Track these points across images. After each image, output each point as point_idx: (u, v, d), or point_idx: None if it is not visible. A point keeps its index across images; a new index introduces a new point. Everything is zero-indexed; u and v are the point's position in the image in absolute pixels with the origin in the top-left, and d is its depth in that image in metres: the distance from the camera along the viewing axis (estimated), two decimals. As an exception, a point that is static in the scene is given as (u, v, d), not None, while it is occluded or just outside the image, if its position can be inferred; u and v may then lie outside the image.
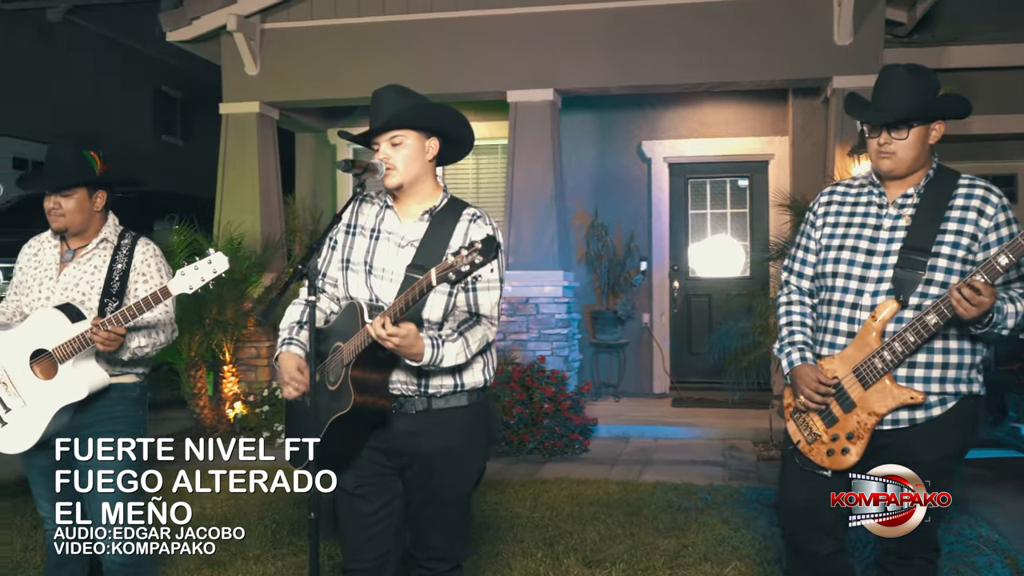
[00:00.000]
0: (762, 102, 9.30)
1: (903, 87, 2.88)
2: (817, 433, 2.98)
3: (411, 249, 2.93)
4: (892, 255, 2.90)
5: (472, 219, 2.94)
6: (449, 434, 2.93)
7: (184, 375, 7.98)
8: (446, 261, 2.50)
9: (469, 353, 2.85)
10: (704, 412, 8.69)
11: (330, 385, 2.91)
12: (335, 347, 2.93)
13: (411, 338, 2.68)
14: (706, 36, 8.01)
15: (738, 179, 9.73)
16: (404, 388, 2.90)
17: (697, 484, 6.03)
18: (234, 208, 8.72)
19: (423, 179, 2.97)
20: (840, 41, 7.76)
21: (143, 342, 3.41)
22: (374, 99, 2.97)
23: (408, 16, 8.51)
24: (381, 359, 2.82)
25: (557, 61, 8.24)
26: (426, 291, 2.58)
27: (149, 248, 3.55)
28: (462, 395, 2.95)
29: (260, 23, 8.72)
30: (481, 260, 2.45)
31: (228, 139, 8.88)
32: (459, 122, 3.02)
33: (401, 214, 2.99)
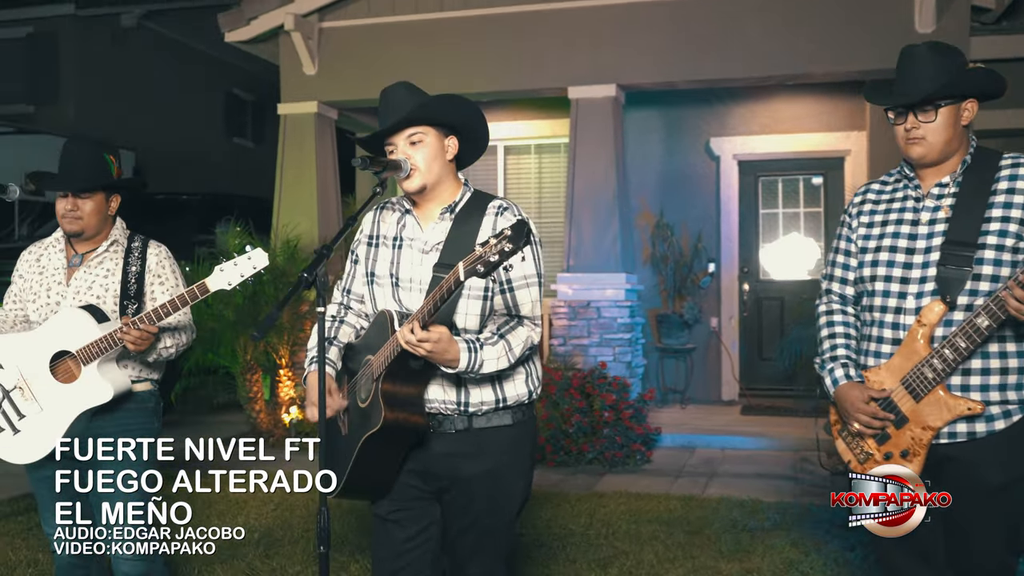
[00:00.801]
0: (837, 95, 8.84)
1: (925, 65, 2.67)
2: (869, 452, 2.73)
3: (436, 254, 2.71)
4: (934, 251, 2.66)
5: (499, 211, 2.72)
6: (491, 456, 2.70)
7: (240, 379, 7.90)
8: (474, 252, 2.27)
9: (512, 357, 2.61)
10: (775, 421, 8.29)
11: (361, 402, 2.70)
12: (365, 361, 2.71)
13: (444, 342, 2.45)
14: (778, 27, 7.61)
15: (812, 177, 9.28)
16: (442, 406, 2.68)
17: (765, 500, 5.68)
18: (292, 210, 8.62)
19: (444, 181, 2.75)
20: (922, 29, 7.29)
21: (168, 343, 3.32)
22: (384, 97, 2.78)
23: (467, 12, 8.30)
24: (414, 370, 2.59)
25: (620, 55, 7.93)
26: (455, 287, 2.34)
27: (162, 250, 3.46)
28: (505, 413, 2.71)
29: (318, 22, 8.61)
30: (511, 248, 2.20)
31: (286, 140, 8.79)
32: (481, 118, 2.81)
33: (422, 218, 2.77)
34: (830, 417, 2.87)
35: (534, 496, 2.94)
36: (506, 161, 9.84)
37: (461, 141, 2.77)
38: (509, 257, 2.21)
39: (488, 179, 9.84)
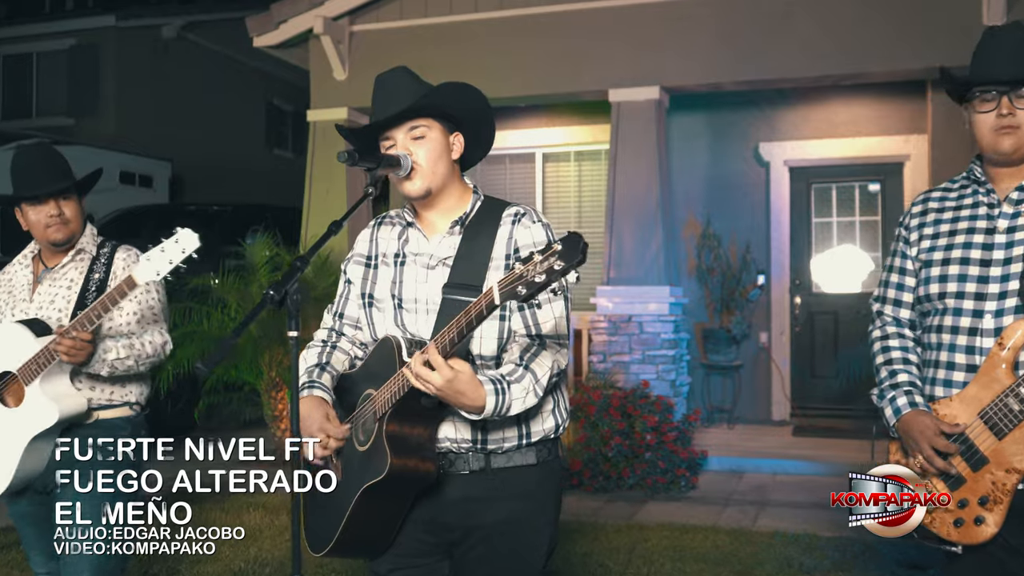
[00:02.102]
0: (896, 97, 8.32)
1: (1018, 45, 2.35)
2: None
3: (444, 269, 2.32)
4: (1015, 263, 2.34)
5: (515, 219, 2.32)
6: (512, 501, 2.28)
7: (264, 396, 7.58)
8: (513, 271, 1.85)
9: (539, 390, 2.19)
10: (829, 443, 7.77)
11: (359, 444, 2.29)
12: (365, 395, 2.31)
13: (464, 381, 2.04)
14: (833, 23, 7.12)
15: (868, 183, 8.75)
16: (454, 444, 2.28)
17: (822, 535, 5.19)
18: (321, 220, 8.29)
19: (450, 185, 2.36)
20: (990, 21, 6.76)
21: (122, 353, 2.94)
22: (381, 84, 2.39)
23: (502, 12, 7.93)
24: (425, 409, 2.19)
25: (664, 56, 7.50)
26: (486, 313, 1.94)
27: (130, 254, 3.13)
28: (528, 450, 2.30)
29: (348, 25, 8.31)
30: (562, 266, 1.79)
31: (316, 148, 8.49)
32: (490, 113, 2.45)
33: (427, 229, 2.38)
34: (889, 455, 2.49)
35: (569, 526, 2.56)
36: (544, 169, 9.44)
37: (465, 139, 2.39)
38: (560, 277, 1.80)
39: (527, 188, 9.46)
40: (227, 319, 7.38)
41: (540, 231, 2.30)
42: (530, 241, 2.28)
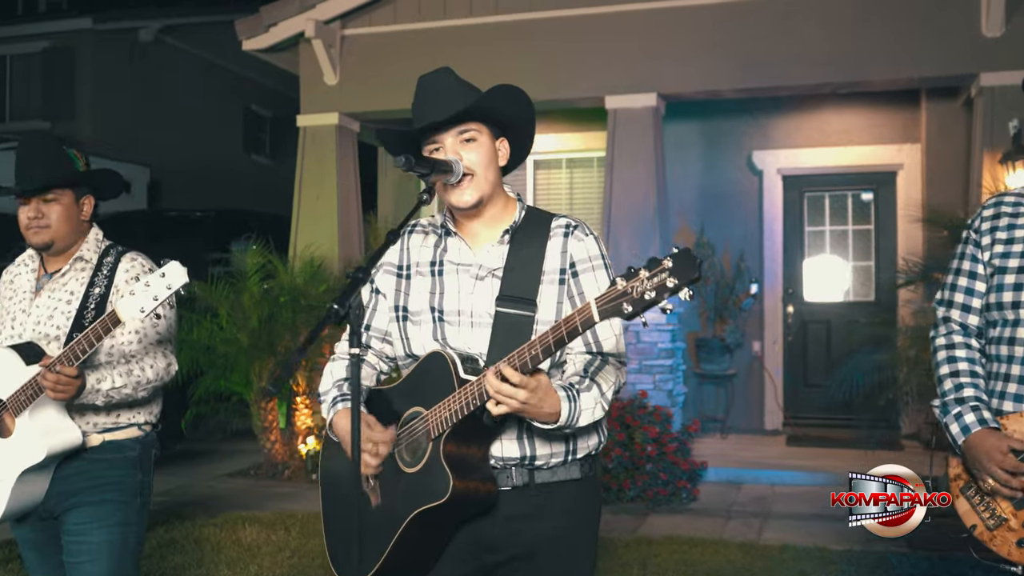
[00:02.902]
0: (890, 106, 8.32)
1: None
2: (1003, 517, 2.29)
3: (493, 280, 2.19)
4: None
5: (568, 231, 2.22)
6: (556, 517, 2.17)
7: (254, 407, 7.41)
8: (615, 288, 1.76)
9: (605, 404, 2.10)
10: (824, 453, 7.72)
11: (406, 466, 2.16)
12: (412, 413, 2.18)
13: (543, 390, 1.95)
14: (832, 30, 7.09)
15: (861, 192, 8.74)
16: (499, 461, 2.16)
17: (832, 548, 5.12)
18: (311, 228, 8.14)
19: (497, 193, 2.25)
20: (989, 32, 6.77)
21: (119, 382, 2.71)
22: (424, 86, 2.27)
23: (498, 17, 7.83)
24: (486, 427, 2.08)
25: (661, 63, 7.44)
26: (580, 331, 1.84)
27: (135, 264, 2.87)
28: (573, 465, 2.20)
29: (340, 29, 8.17)
30: (676, 283, 1.70)
31: (305, 153, 8.33)
32: (534, 118, 2.34)
33: (470, 239, 2.25)
34: (948, 470, 2.40)
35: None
36: (536, 176, 9.35)
37: (510, 144, 2.29)
38: (674, 294, 1.71)
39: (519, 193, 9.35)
40: (216, 328, 7.21)
41: (594, 245, 2.21)
42: (585, 255, 2.19)
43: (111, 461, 2.82)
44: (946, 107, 7.93)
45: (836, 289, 8.88)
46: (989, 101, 6.81)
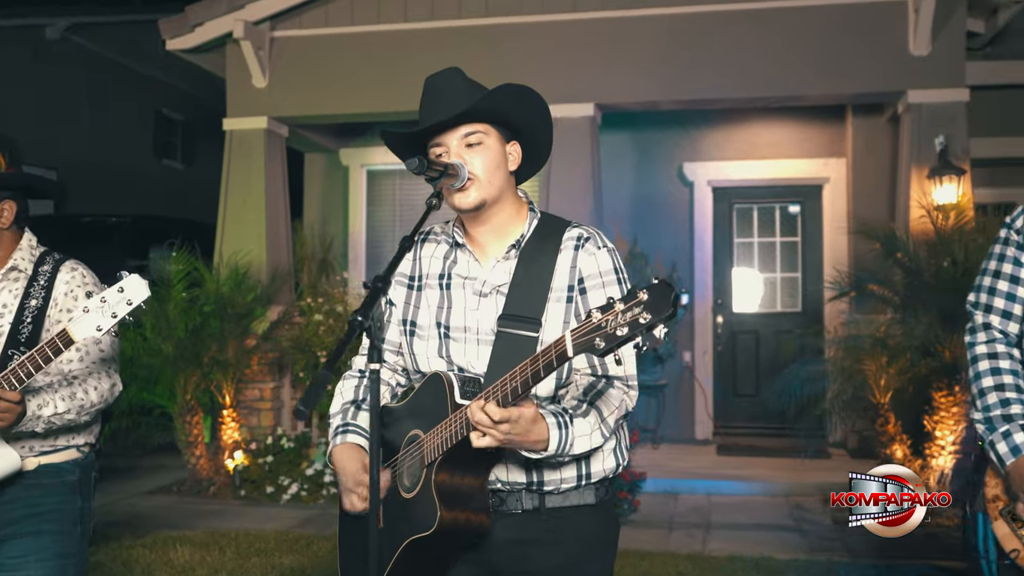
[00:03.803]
0: (817, 121, 8.49)
1: None
2: None
3: (498, 297, 2.09)
4: None
5: (579, 244, 2.11)
6: (570, 544, 2.06)
7: (178, 421, 7.09)
8: (590, 320, 1.65)
9: (606, 431, 1.99)
10: (755, 462, 7.81)
11: (404, 491, 2.05)
12: (411, 436, 2.07)
13: (526, 421, 1.83)
14: (769, 46, 7.19)
15: (789, 205, 8.90)
16: (505, 485, 2.06)
17: (779, 558, 5.14)
18: (238, 234, 7.87)
19: (505, 199, 2.14)
20: (917, 51, 6.95)
21: (61, 407, 2.50)
22: (432, 85, 2.17)
23: (433, 23, 7.72)
24: (479, 455, 1.95)
25: (600, 73, 7.43)
26: (556, 365, 1.74)
27: (76, 275, 2.65)
28: (587, 490, 2.09)
29: (269, 31, 7.93)
30: (649, 319, 1.57)
31: (232, 158, 8.05)
32: (550, 120, 2.22)
33: (478, 251, 2.15)
34: (985, 490, 2.30)
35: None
36: (467, 185, 9.24)
37: (523, 148, 2.18)
38: (644, 332, 1.59)
39: (448, 203, 9.23)
40: (140, 339, 6.89)
41: (607, 258, 2.10)
42: (595, 270, 2.08)
43: (47, 487, 2.60)
44: (871, 123, 8.13)
45: (763, 300, 9.01)
46: (916, 117, 7.00)
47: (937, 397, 6.21)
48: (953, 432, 6.18)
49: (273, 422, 7.59)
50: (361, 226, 9.33)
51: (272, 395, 7.64)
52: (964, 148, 6.85)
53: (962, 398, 6.20)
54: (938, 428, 6.21)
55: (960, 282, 6.05)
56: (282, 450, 7.10)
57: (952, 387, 6.18)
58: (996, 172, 7.74)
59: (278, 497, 6.74)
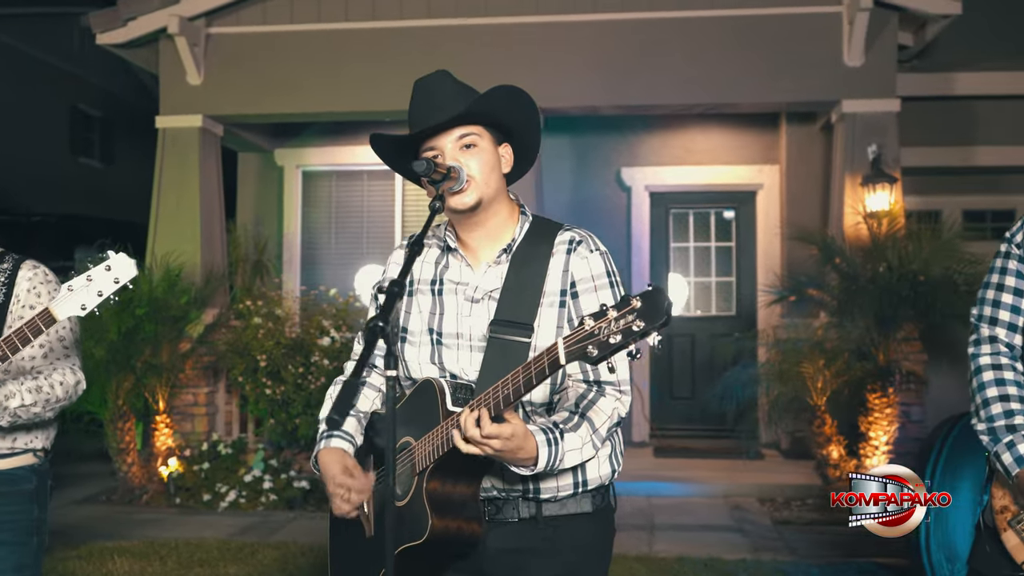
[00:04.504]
0: (752, 128, 8.66)
1: None
2: None
3: (490, 302, 2.07)
4: None
5: (571, 248, 2.09)
6: (567, 554, 2.04)
7: (109, 427, 6.87)
8: (582, 327, 1.64)
9: (597, 441, 1.97)
10: (691, 464, 7.91)
11: (396, 499, 2.01)
12: (403, 443, 2.04)
13: (518, 438, 1.81)
14: (707, 53, 7.31)
15: (724, 210, 9.05)
16: (501, 492, 2.04)
17: (726, 559, 5.22)
18: (171, 235, 7.65)
19: (499, 201, 2.11)
20: (851, 62, 7.15)
21: (27, 399, 2.45)
22: (423, 87, 2.13)
23: (375, 23, 7.64)
24: (470, 464, 1.93)
25: (541, 77, 7.43)
26: (548, 373, 1.72)
27: (38, 273, 2.62)
28: (584, 498, 2.07)
29: (205, 27, 7.75)
30: (643, 327, 1.57)
31: (165, 157, 7.83)
32: (539, 123, 2.21)
33: (470, 256, 2.13)
34: (993, 501, 2.28)
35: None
36: (405, 187, 9.17)
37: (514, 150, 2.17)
38: (640, 339, 1.58)
39: (385, 206, 9.16)
40: (69, 342, 6.63)
41: (599, 262, 2.09)
42: (587, 274, 2.07)
43: (3, 495, 2.52)
44: (804, 131, 8.33)
45: (699, 303, 9.14)
46: (850, 126, 7.19)
47: (871, 399, 6.39)
48: (887, 432, 6.36)
49: (207, 427, 7.40)
50: (296, 228, 9.18)
51: (207, 400, 7.45)
52: (895, 157, 7.07)
53: (895, 399, 6.40)
54: (872, 429, 6.39)
55: (895, 287, 6.25)
56: (219, 456, 6.93)
57: (886, 389, 6.37)
58: (922, 181, 8.00)
59: (215, 505, 6.57)
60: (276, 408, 6.97)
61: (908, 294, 6.17)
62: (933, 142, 7.95)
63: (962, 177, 8.29)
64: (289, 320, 7.35)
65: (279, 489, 6.66)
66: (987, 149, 8.10)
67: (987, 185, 8.36)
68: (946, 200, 8.27)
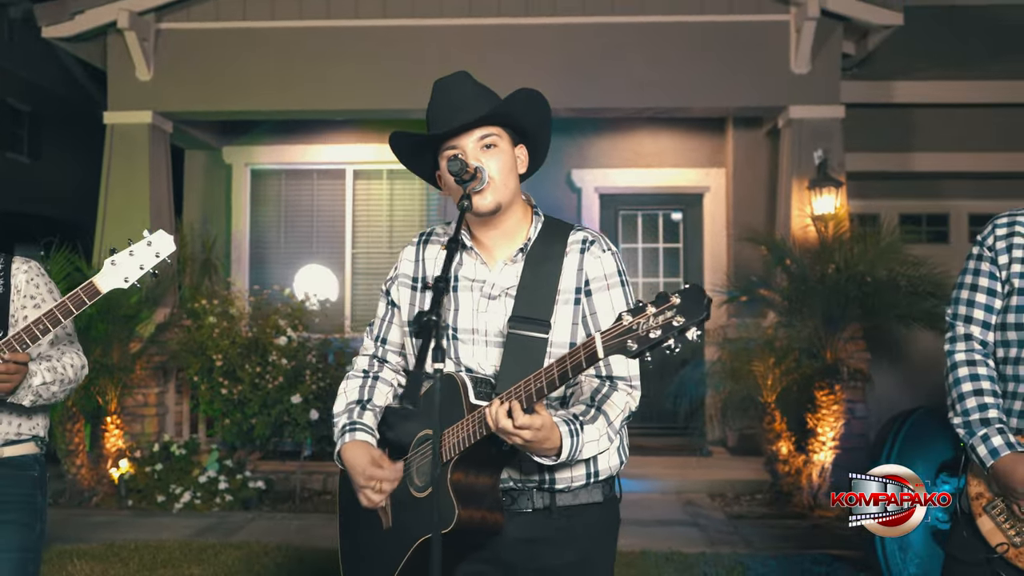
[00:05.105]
0: (699, 132, 8.85)
1: None
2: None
3: (507, 299, 2.13)
4: None
5: (585, 247, 2.17)
6: (581, 542, 2.12)
7: (58, 428, 6.72)
8: (620, 323, 1.71)
9: (612, 434, 2.04)
10: (646, 461, 8.00)
11: (416, 491, 2.07)
12: (423, 436, 2.09)
13: (546, 429, 1.88)
14: (664, 58, 7.47)
15: (671, 212, 9.23)
16: (517, 483, 2.10)
17: (687, 552, 5.34)
18: (120, 233, 7.47)
19: (516, 201, 2.19)
20: (797, 70, 7.37)
21: (47, 377, 2.54)
22: (443, 89, 2.19)
23: (329, 22, 7.62)
24: (494, 456, 2.00)
25: (499, 79, 7.46)
26: (585, 367, 1.79)
27: (32, 267, 2.72)
28: (595, 488, 2.15)
29: (155, 22, 7.64)
30: (683, 322, 1.65)
31: (113, 153, 7.69)
32: (550, 125, 2.29)
33: (485, 254, 2.18)
34: (969, 488, 2.42)
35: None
36: (355, 186, 9.15)
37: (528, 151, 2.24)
38: (680, 334, 1.66)
39: (335, 205, 9.12)
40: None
41: (611, 261, 2.16)
42: (600, 273, 2.14)
43: (13, 477, 2.60)
44: (751, 135, 8.54)
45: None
46: (797, 132, 7.41)
47: (820, 396, 6.60)
48: (833, 428, 6.57)
49: (158, 428, 7.30)
50: (245, 226, 9.09)
51: (157, 400, 7.35)
52: (840, 162, 7.31)
53: (842, 396, 6.61)
54: (820, 425, 6.59)
55: (843, 287, 6.47)
56: (171, 457, 6.83)
57: (833, 386, 6.58)
58: (863, 185, 8.27)
59: (170, 506, 6.49)
60: (232, 408, 6.90)
61: (856, 295, 6.39)
62: (873, 148, 8.23)
63: (900, 182, 8.59)
64: (243, 319, 7.29)
65: (235, 489, 6.60)
66: (923, 155, 8.41)
67: (923, 190, 8.68)
68: (884, 204, 8.57)
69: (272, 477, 6.97)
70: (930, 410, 5.06)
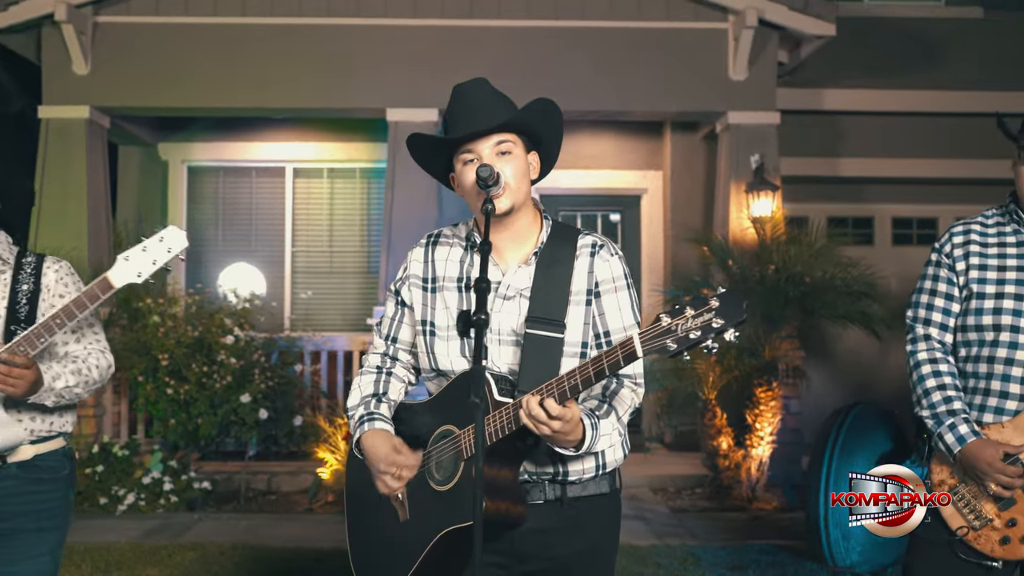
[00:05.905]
0: (638, 135, 9.05)
1: None
2: (988, 518, 2.50)
3: (522, 300, 2.21)
4: None
5: (594, 251, 2.27)
6: (590, 532, 2.22)
7: None
8: (659, 324, 1.81)
9: (622, 428, 2.18)
10: (584, 458, 8.21)
11: (437, 484, 2.14)
12: (443, 431, 2.16)
13: (574, 421, 1.98)
14: (606, 62, 7.63)
15: (610, 213, 9.41)
16: (532, 476, 2.19)
17: (637, 545, 5.49)
18: (56, 230, 7.34)
19: (527, 205, 2.28)
20: (735, 76, 7.61)
21: (71, 380, 2.56)
22: (462, 95, 2.28)
23: (273, 19, 7.57)
24: (519, 449, 2.09)
25: (444, 79, 7.49)
26: (623, 365, 1.88)
27: (63, 266, 2.74)
28: (603, 480, 2.25)
29: (93, 15, 7.48)
30: (722, 324, 1.77)
31: (48, 148, 7.50)
32: (562, 133, 2.38)
33: (496, 256, 2.26)
34: (932, 476, 2.60)
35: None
36: (295, 185, 9.10)
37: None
38: (719, 336, 1.77)
39: (275, 204, 9.06)
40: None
41: (619, 265, 2.27)
42: (609, 276, 2.24)
43: (47, 482, 2.63)
44: (688, 139, 8.76)
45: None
46: (734, 136, 7.65)
47: (758, 392, 6.84)
48: (771, 424, 6.81)
49: (95, 429, 7.15)
50: (181, 224, 8.93)
51: (94, 401, 7.19)
52: (776, 166, 7.58)
53: (779, 393, 6.87)
54: (758, 420, 6.83)
55: (782, 287, 6.72)
56: (112, 458, 6.71)
57: (771, 383, 6.82)
58: (793, 189, 8.55)
59: (113, 508, 6.37)
60: (177, 408, 6.81)
61: (795, 295, 6.64)
62: (803, 153, 8.53)
63: (828, 186, 8.92)
64: (184, 318, 7.20)
65: (180, 490, 6.52)
66: (850, 161, 8.76)
67: (849, 194, 9.04)
68: (813, 207, 8.88)
69: (216, 477, 6.90)
70: (868, 405, 5.34)
